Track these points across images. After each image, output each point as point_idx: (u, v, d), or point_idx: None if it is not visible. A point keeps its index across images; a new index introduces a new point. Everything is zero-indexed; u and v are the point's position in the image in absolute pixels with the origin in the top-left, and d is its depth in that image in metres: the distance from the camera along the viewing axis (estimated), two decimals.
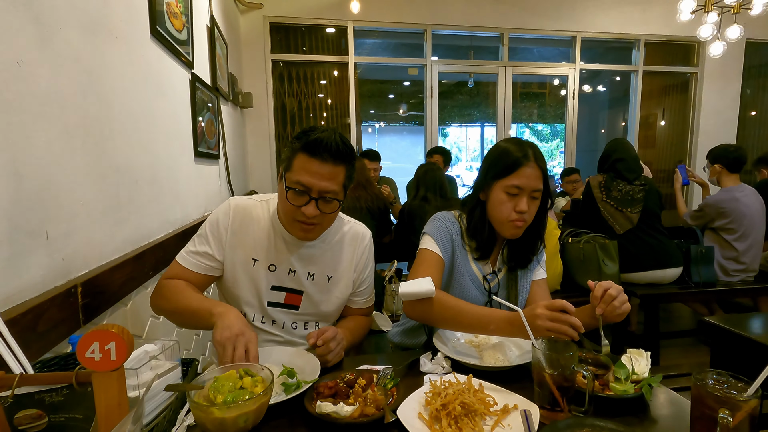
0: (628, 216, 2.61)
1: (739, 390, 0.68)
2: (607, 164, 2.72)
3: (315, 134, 1.03)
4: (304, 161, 1.04)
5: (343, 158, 1.06)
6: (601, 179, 2.72)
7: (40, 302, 0.86)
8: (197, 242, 1.16)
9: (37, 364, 0.78)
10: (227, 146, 2.87)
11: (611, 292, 0.96)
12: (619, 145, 2.74)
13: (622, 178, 2.65)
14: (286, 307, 1.19)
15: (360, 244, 1.26)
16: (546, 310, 0.93)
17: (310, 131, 1.05)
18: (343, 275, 1.23)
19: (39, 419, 0.60)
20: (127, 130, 1.35)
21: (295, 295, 1.19)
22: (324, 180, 1.04)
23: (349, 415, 0.79)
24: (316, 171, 1.04)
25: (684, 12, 3.49)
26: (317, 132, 1.04)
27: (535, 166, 1.15)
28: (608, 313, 0.96)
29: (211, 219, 1.16)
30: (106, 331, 0.56)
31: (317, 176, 1.04)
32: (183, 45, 1.92)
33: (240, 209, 1.16)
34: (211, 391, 0.74)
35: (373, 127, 9.31)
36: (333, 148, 1.03)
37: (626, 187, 2.64)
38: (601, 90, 6.96)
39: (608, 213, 2.65)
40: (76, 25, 1.08)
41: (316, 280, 1.20)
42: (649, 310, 2.58)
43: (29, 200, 0.88)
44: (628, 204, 2.62)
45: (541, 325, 0.93)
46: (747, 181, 2.84)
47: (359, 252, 1.26)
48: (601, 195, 2.67)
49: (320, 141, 1.03)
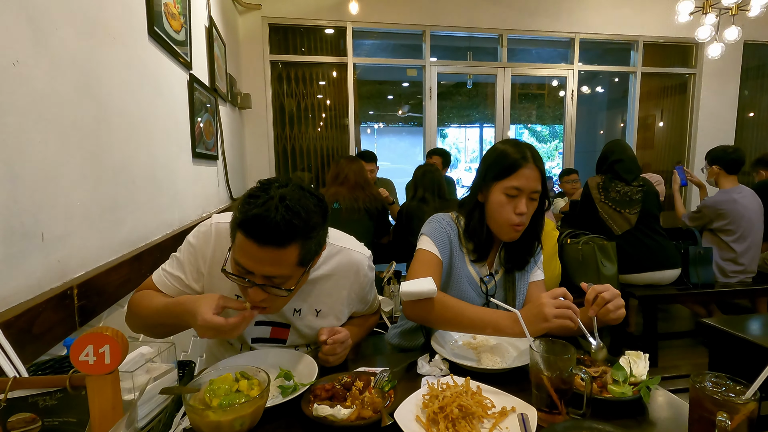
0: (626, 217, 2.62)
1: (737, 393, 0.68)
2: (605, 165, 2.73)
3: (253, 208, 0.80)
4: (241, 241, 0.82)
5: (292, 236, 0.82)
6: (599, 180, 2.72)
7: (36, 304, 0.85)
8: (175, 264, 1.05)
9: (32, 367, 0.78)
10: (225, 147, 2.87)
11: (605, 295, 0.96)
12: (617, 146, 2.74)
13: (620, 179, 2.65)
14: (272, 341, 1.10)
15: (355, 275, 1.11)
16: (551, 298, 0.97)
17: (252, 198, 0.82)
18: (334, 308, 1.11)
19: (32, 423, 0.60)
20: (125, 131, 1.35)
21: (282, 329, 1.10)
22: (267, 265, 0.83)
23: (347, 418, 0.78)
24: (254, 255, 0.82)
25: (682, 13, 3.50)
26: (257, 204, 0.80)
27: (533, 167, 1.15)
28: (601, 316, 0.97)
29: (190, 241, 1.03)
30: (101, 334, 0.56)
31: (257, 261, 0.83)
32: (181, 46, 1.92)
33: (222, 237, 0.99)
34: (206, 394, 0.73)
35: (372, 128, 9.31)
36: (274, 230, 0.79)
37: (624, 188, 2.64)
38: (599, 91, 6.97)
39: (606, 214, 2.66)
40: (73, 25, 1.08)
41: (303, 315, 1.08)
42: (647, 311, 2.58)
43: (25, 201, 0.88)
44: (627, 205, 2.62)
45: (548, 312, 0.95)
46: (745, 182, 2.85)
47: (357, 286, 1.12)
48: (600, 196, 2.68)
49: (257, 219, 0.79)
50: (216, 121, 2.62)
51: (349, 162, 2.75)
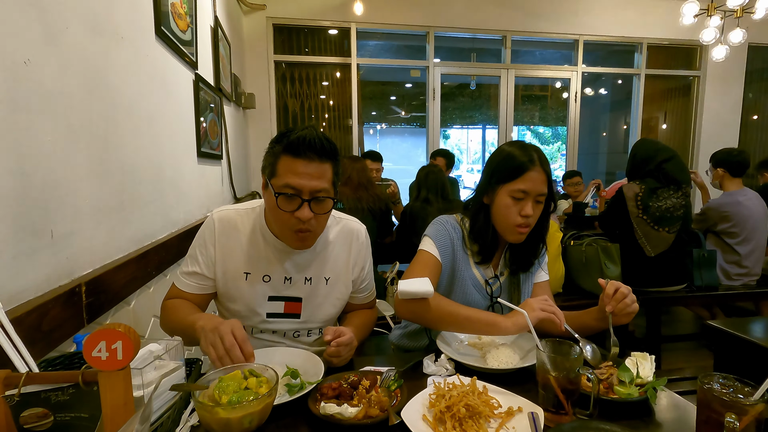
0: (663, 237, 2.30)
1: (745, 394, 0.68)
2: (650, 167, 2.33)
3: (295, 134, 0.98)
4: (289, 163, 0.99)
5: (329, 155, 1.02)
6: (638, 190, 2.33)
7: (45, 301, 0.86)
8: (189, 263, 1.13)
9: (42, 363, 0.78)
10: (229, 147, 2.88)
11: (623, 290, 1.01)
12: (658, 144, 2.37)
13: (671, 182, 2.28)
14: (286, 316, 1.16)
15: (355, 241, 1.22)
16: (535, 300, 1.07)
17: (288, 132, 1.00)
18: (340, 275, 1.20)
19: (45, 418, 0.60)
20: (132, 129, 1.36)
21: (295, 303, 1.16)
22: (313, 179, 1.00)
23: (353, 416, 0.79)
24: (303, 171, 0.99)
25: (686, 15, 3.49)
26: (297, 131, 0.99)
27: (540, 170, 1.14)
28: (619, 311, 1.00)
29: (197, 237, 1.14)
30: (113, 330, 0.56)
31: (306, 176, 0.99)
32: (187, 45, 1.93)
33: (224, 222, 1.12)
34: (215, 391, 0.74)
35: (374, 129, 9.31)
36: (317, 145, 0.99)
37: (670, 199, 2.28)
38: (603, 93, 6.96)
39: (642, 232, 2.33)
40: (83, 25, 1.08)
41: (314, 284, 1.17)
42: (651, 314, 2.57)
43: (35, 199, 0.88)
44: (667, 222, 2.29)
45: (534, 304, 1.05)
46: (749, 185, 2.84)
47: (355, 250, 1.22)
48: (637, 210, 2.32)
49: (303, 139, 0.98)
50: (220, 120, 2.63)
51: (352, 162, 2.75)
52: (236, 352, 0.87)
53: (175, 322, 1.06)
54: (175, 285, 1.15)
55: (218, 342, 0.88)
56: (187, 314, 1.04)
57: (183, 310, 1.08)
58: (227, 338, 0.88)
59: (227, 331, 0.89)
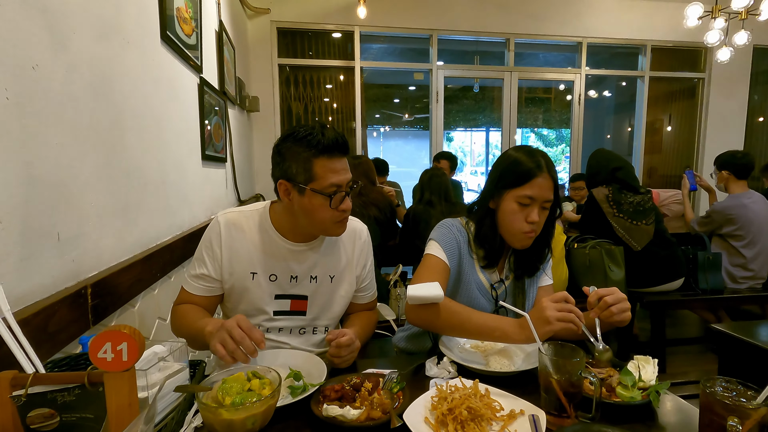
0: (644, 229, 2.42)
1: (748, 398, 0.68)
2: (604, 176, 2.53)
3: (325, 138, 1.05)
4: (325, 164, 1.06)
5: (348, 148, 1.12)
6: (607, 192, 2.50)
7: (52, 303, 0.87)
8: (196, 265, 1.16)
9: (48, 364, 0.79)
10: (234, 150, 2.89)
11: (607, 299, 0.96)
12: (609, 154, 2.59)
13: (628, 188, 2.47)
14: (293, 314, 1.19)
15: (357, 240, 1.27)
16: (551, 302, 0.96)
17: (309, 136, 1.05)
18: (345, 273, 1.24)
19: (51, 418, 0.61)
20: (137, 133, 1.37)
21: (301, 301, 1.19)
22: (347, 173, 1.10)
23: (356, 418, 0.79)
24: (340, 168, 1.08)
25: (691, 18, 3.48)
26: (318, 134, 1.05)
27: (547, 176, 1.13)
28: (605, 319, 0.97)
29: (203, 240, 1.17)
30: (119, 331, 0.57)
31: (342, 172, 1.09)
32: (192, 49, 1.94)
33: (230, 224, 1.16)
34: (219, 392, 0.74)
35: (378, 132, 9.33)
36: (341, 143, 1.08)
37: (635, 197, 2.45)
38: (606, 95, 6.95)
39: (623, 228, 2.44)
40: (90, 29, 1.10)
41: (320, 281, 1.20)
42: (655, 317, 2.56)
43: (42, 202, 0.90)
44: (642, 215, 2.42)
45: (550, 315, 0.94)
46: (754, 187, 2.83)
47: (358, 248, 1.26)
48: (612, 210, 2.45)
49: (335, 141, 1.06)
50: (225, 123, 2.65)
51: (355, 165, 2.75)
52: (246, 342, 0.89)
53: (185, 326, 1.08)
54: (184, 288, 1.16)
55: (226, 337, 0.89)
56: (196, 319, 1.06)
57: (192, 316, 1.09)
58: (235, 331, 0.90)
59: (233, 325, 0.91)
